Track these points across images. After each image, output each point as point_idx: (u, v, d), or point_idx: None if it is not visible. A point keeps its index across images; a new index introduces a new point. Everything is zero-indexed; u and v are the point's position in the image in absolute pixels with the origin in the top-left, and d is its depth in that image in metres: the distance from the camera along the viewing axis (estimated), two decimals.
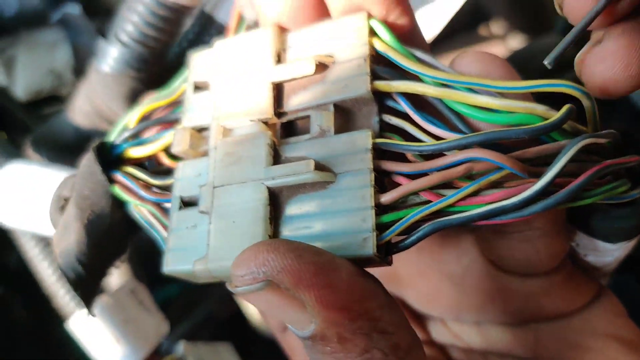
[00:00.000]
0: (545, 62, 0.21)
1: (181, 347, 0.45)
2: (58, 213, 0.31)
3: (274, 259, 0.20)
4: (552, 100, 0.22)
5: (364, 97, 0.24)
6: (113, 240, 0.30)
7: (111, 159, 0.30)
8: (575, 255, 0.28)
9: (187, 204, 0.27)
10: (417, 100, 0.24)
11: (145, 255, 0.63)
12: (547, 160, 0.21)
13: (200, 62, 0.29)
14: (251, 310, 0.62)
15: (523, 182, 0.21)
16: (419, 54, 0.24)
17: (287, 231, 0.24)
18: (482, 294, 0.29)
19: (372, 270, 0.23)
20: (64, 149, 0.37)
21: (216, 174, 0.26)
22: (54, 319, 0.44)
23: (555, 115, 0.21)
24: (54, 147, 0.37)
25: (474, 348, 0.29)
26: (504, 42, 0.77)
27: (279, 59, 0.27)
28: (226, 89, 0.27)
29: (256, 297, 0.20)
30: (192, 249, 0.26)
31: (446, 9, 0.42)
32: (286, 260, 0.20)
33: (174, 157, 0.29)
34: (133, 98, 0.44)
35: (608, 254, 0.26)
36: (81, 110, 0.45)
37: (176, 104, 0.30)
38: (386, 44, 0.25)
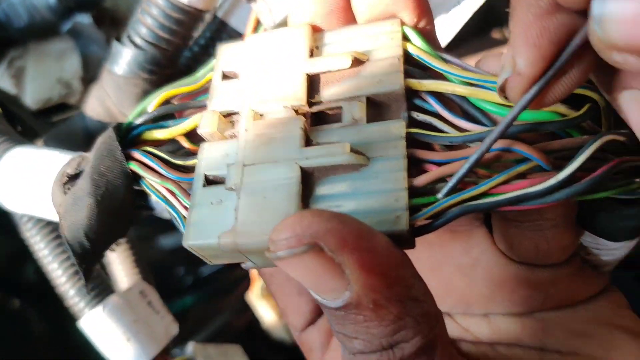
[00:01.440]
0: (439, 197, 0.23)
1: (191, 347, 0.45)
2: (60, 189, 0.30)
3: (319, 223, 0.20)
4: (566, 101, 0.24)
5: (396, 92, 0.26)
6: (121, 219, 0.30)
7: (128, 140, 0.30)
8: (578, 254, 0.30)
9: (211, 182, 0.27)
10: (441, 99, 0.26)
11: (161, 268, 0.62)
12: (566, 155, 0.23)
13: (230, 53, 0.30)
14: (265, 317, 0.61)
15: (544, 174, 0.23)
16: (447, 56, 0.27)
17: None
18: (491, 283, 0.30)
19: None
20: (75, 149, 0.37)
21: (246, 153, 0.26)
22: (71, 327, 0.43)
23: (578, 113, 0.23)
24: (65, 148, 0.37)
25: (482, 340, 0.30)
26: None
27: (312, 55, 0.28)
28: (259, 77, 0.28)
29: (297, 262, 0.21)
30: (216, 223, 0.26)
31: (460, 14, 0.45)
32: (331, 223, 0.20)
33: (194, 142, 0.29)
34: None
35: (610, 252, 0.28)
36: (93, 112, 0.45)
37: (198, 93, 0.31)
38: (418, 47, 0.27)
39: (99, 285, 0.44)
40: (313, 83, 0.28)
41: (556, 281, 0.29)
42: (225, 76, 0.30)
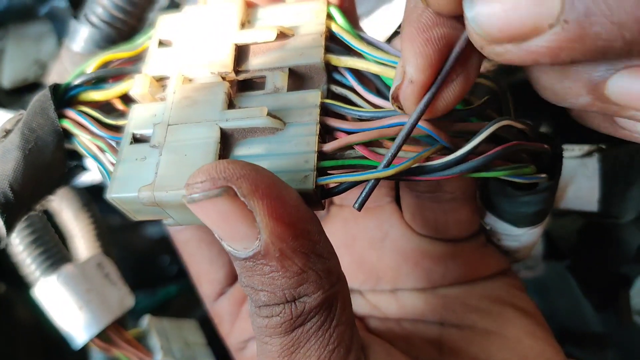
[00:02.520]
0: (354, 207, 0.25)
1: (146, 320, 0.45)
2: None
3: (234, 168, 0.21)
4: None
5: (316, 65, 0.28)
6: (48, 176, 0.31)
7: (65, 99, 0.31)
8: (489, 239, 0.32)
9: (138, 140, 0.29)
10: (358, 75, 0.28)
11: (147, 256, 0.62)
12: (467, 137, 0.25)
13: (167, 22, 0.32)
14: None
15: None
16: (365, 36, 0.29)
17: None
18: (398, 256, 0.32)
19: None
20: None
21: (172, 114, 0.28)
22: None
23: (478, 102, 0.25)
24: None
25: (389, 317, 0.32)
26: None
27: (243, 28, 0.30)
28: (191, 45, 0.30)
29: (210, 206, 0.22)
30: (138, 178, 0.27)
31: (401, 8, 0.48)
32: (245, 170, 0.22)
33: (128, 105, 0.31)
34: None
35: (516, 238, 0.31)
36: None
37: (136, 60, 0.32)
38: (340, 26, 0.29)
39: (55, 254, 0.44)
40: (242, 53, 0.30)
41: (455, 255, 0.31)
42: (161, 43, 0.31)
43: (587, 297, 0.52)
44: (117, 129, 0.30)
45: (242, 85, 0.29)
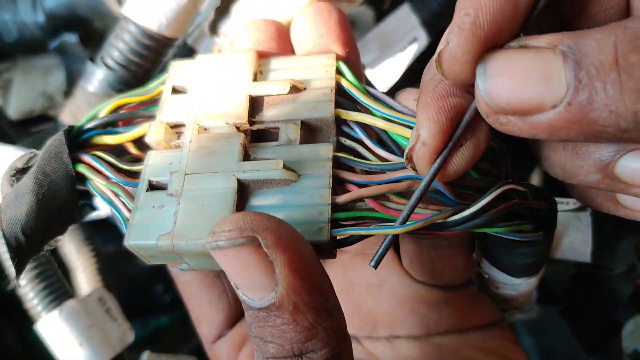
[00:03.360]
0: (370, 264, 0.26)
1: (145, 356, 0.46)
2: (8, 182, 0.32)
3: (260, 220, 0.23)
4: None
5: (327, 119, 0.30)
6: (60, 219, 0.32)
7: (78, 142, 0.32)
8: (488, 287, 0.34)
9: (154, 187, 0.30)
10: (366, 128, 0.30)
11: (140, 285, 0.62)
12: (469, 192, 0.27)
13: (181, 69, 0.33)
14: None
15: (445, 206, 0.27)
16: (373, 90, 0.30)
17: None
18: (395, 302, 0.33)
19: None
20: None
21: (189, 163, 0.29)
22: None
23: None
24: None
25: None
26: None
27: (255, 78, 0.31)
28: (206, 94, 0.31)
29: (234, 254, 0.23)
30: (155, 226, 0.28)
31: (404, 57, 0.50)
32: (270, 223, 0.23)
33: (141, 150, 0.32)
34: None
35: (513, 287, 0.33)
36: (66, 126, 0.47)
37: (148, 103, 0.33)
38: (349, 81, 0.31)
39: (57, 289, 0.45)
40: (256, 103, 0.31)
41: (450, 302, 0.33)
42: (175, 90, 0.32)
43: (580, 341, 0.54)
44: (132, 174, 0.31)
45: (257, 135, 0.31)
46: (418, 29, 0.53)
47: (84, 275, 0.48)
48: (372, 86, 0.31)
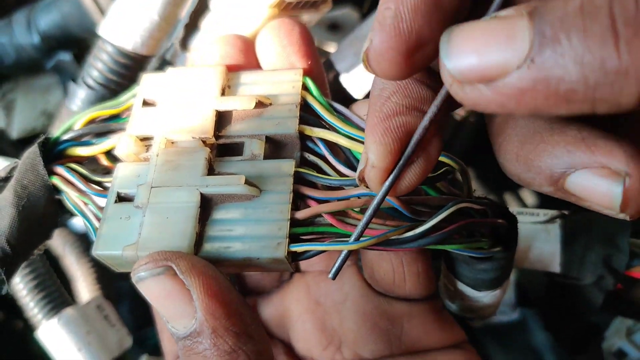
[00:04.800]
0: (329, 277, 0.27)
1: (144, 359, 0.47)
2: None
3: (173, 253, 0.26)
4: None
5: (291, 135, 0.30)
6: (41, 229, 0.33)
7: (53, 154, 0.33)
8: (454, 299, 0.35)
9: (123, 199, 0.31)
10: (329, 145, 0.31)
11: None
12: (426, 209, 0.28)
13: (151, 82, 0.34)
14: None
15: (402, 223, 0.28)
16: (337, 106, 0.31)
17: (212, 231, 0.28)
18: (358, 316, 0.34)
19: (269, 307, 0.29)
20: None
21: (155, 176, 0.30)
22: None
23: (433, 174, 0.28)
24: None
25: None
26: None
27: (223, 92, 0.32)
28: (174, 108, 0.32)
29: (154, 284, 0.25)
30: (122, 237, 0.29)
31: None
32: (182, 254, 0.26)
33: (113, 161, 0.33)
34: None
35: (477, 299, 0.33)
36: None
37: (119, 116, 0.34)
38: (314, 98, 0.31)
39: (56, 298, 0.48)
40: (224, 117, 0.32)
41: (412, 315, 0.33)
42: (145, 103, 0.33)
43: (559, 343, 0.55)
44: (103, 186, 0.32)
45: (224, 149, 0.31)
46: None
47: (84, 284, 0.51)
48: (346, 94, 0.32)
